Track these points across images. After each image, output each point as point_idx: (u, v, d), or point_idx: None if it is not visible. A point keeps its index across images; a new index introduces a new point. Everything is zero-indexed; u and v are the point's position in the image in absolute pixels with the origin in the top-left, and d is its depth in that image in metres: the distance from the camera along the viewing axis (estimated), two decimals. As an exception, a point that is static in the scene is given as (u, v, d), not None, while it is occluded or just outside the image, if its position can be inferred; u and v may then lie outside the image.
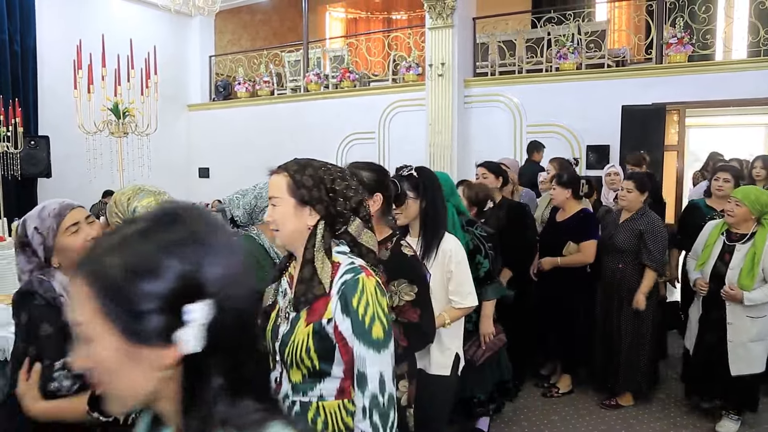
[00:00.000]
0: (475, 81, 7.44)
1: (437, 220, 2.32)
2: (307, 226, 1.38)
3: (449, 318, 2.34)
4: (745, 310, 3.19)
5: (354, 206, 1.40)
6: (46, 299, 1.51)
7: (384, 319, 1.30)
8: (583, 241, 3.71)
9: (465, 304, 2.36)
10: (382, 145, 8.09)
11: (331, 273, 1.34)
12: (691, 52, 6.36)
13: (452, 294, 2.35)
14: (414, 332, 1.84)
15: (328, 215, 1.38)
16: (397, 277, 1.84)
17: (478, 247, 2.82)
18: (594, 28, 7.09)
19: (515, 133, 7.16)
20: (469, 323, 2.85)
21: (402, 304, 1.83)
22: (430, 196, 2.30)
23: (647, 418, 3.61)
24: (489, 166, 3.83)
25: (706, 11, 6.56)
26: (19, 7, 7.47)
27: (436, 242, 2.30)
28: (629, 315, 3.61)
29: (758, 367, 3.24)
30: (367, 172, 1.89)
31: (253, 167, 6.40)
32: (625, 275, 3.62)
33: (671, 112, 6.49)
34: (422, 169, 2.31)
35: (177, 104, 9.61)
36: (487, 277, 2.85)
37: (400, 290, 1.84)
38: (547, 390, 3.98)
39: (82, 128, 4.10)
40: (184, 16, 9.30)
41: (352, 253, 1.40)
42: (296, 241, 1.40)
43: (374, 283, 1.32)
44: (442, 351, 2.35)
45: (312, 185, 1.37)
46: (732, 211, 3.24)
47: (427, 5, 7.16)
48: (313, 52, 9.01)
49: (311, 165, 1.42)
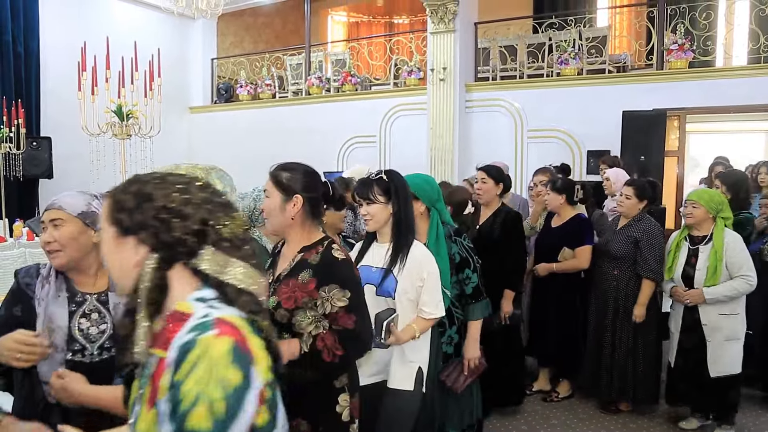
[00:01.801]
0: (476, 85, 7.46)
1: (409, 226, 2.22)
2: (133, 264, 0.98)
3: (419, 329, 2.19)
4: (716, 307, 3.21)
5: (195, 229, 0.97)
6: (18, 283, 1.60)
7: (218, 404, 0.81)
8: (579, 247, 3.71)
9: (436, 314, 2.23)
10: (383, 148, 8.11)
11: (163, 331, 0.95)
12: (691, 59, 6.39)
13: (424, 304, 2.21)
14: (350, 339, 1.74)
15: (160, 246, 0.97)
16: (328, 282, 1.74)
17: (466, 260, 2.57)
18: (595, 34, 7.12)
19: (516, 138, 7.18)
20: (449, 346, 2.57)
21: (335, 311, 1.73)
22: (401, 201, 2.19)
23: (647, 424, 3.61)
24: (489, 170, 3.58)
25: (707, 18, 6.59)
26: (23, 9, 7.50)
27: (406, 249, 2.19)
28: (624, 323, 3.57)
29: (736, 367, 3.24)
30: (286, 173, 1.81)
31: (254, 170, 6.43)
32: (621, 282, 3.60)
33: (672, 117, 6.51)
34: (392, 173, 2.22)
35: (179, 106, 9.64)
36: (476, 294, 2.59)
37: (332, 296, 1.74)
38: (547, 395, 3.98)
39: (86, 130, 4.12)
40: (187, 19, 9.34)
41: (218, 300, 0.96)
42: (127, 283, 1.00)
43: (227, 348, 0.85)
44: (403, 363, 2.21)
45: (134, 206, 0.98)
46: (691, 213, 3.31)
47: (429, 10, 7.19)
48: (315, 56, 9.04)
49: (141, 179, 1.02)
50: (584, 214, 3.93)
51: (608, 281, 3.64)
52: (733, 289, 3.19)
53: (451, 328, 2.56)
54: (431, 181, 2.59)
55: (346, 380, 1.83)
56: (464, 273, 2.55)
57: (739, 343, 3.26)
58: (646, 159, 6.13)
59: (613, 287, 3.61)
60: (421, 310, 2.21)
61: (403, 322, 2.14)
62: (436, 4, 7.08)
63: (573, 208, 3.82)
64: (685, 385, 3.39)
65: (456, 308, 2.57)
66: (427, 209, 2.53)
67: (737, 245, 3.23)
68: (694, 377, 3.32)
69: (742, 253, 3.23)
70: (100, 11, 8.49)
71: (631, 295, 3.55)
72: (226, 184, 1.22)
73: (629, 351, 3.57)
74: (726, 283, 3.20)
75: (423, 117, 7.50)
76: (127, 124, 4.15)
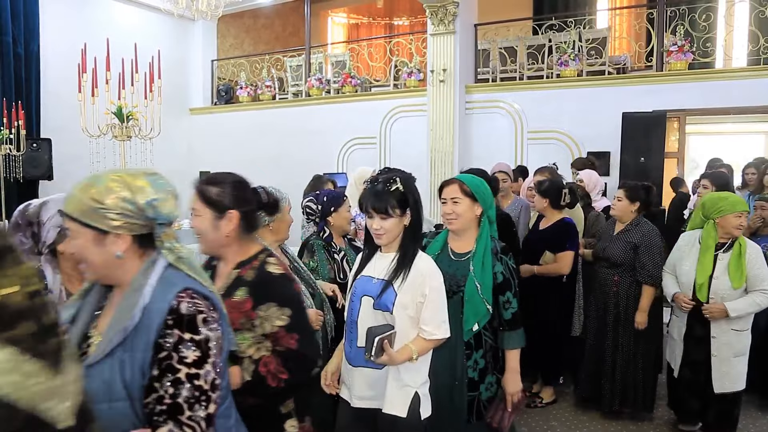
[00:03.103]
0: (476, 87, 7.46)
1: (419, 236, 2.04)
2: None
3: (417, 351, 1.93)
4: (730, 323, 3.06)
5: None
6: None
7: None
8: (560, 252, 3.65)
9: (437, 335, 1.97)
10: (383, 150, 8.11)
11: None
12: (691, 60, 6.40)
13: (425, 323, 1.96)
14: (294, 360, 1.60)
15: None
16: (265, 300, 1.60)
17: (508, 282, 2.27)
18: (595, 36, 7.12)
19: (516, 139, 7.19)
20: (474, 371, 2.25)
21: (275, 331, 1.59)
22: (415, 211, 1.98)
23: (646, 426, 3.60)
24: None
25: (707, 19, 6.60)
26: (24, 11, 7.51)
27: (409, 261, 1.97)
28: (626, 330, 3.49)
29: (740, 384, 3.12)
30: (215, 187, 1.65)
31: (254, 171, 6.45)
32: (621, 288, 3.52)
33: (671, 119, 6.52)
34: (404, 179, 1.97)
35: (179, 108, 9.64)
36: (514, 321, 2.29)
37: (270, 315, 1.60)
38: (531, 400, 3.90)
39: (86, 131, 4.12)
40: (187, 21, 9.35)
41: None
42: None
43: None
44: (399, 387, 1.95)
45: None
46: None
47: (429, 11, 7.20)
48: (315, 57, 9.05)
49: None
50: (570, 218, 3.81)
51: (608, 287, 3.56)
52: (756, 305, 3.03)
53: (478, 352, 2.27)
54: (484, 186, 2.33)
55: (292, 405, 1.72)
56: (505, 296, 2.28)
57: (746, 359, 3.14)
58: (646, 160, 6.14)
59: (613, 293, 3.54)
60: (421, 329, 1.97)
61: (402, 341, 1.93)
62: (436, 5, 7.08)
63: (559, 212, 3.74)
64: (688, 396, 3.30)
65: (485, 331, 2.28)
66: (479, 215, 2.29)
67: (759, 258, 3.08)
68: (697, 389, 3.21)
69: (764, 268, 3.07)
70: (100, 13, 8.49)
71: (632, 301, 3.48)
72: (160, 191, 1.14)
73: (630, 358, 3.50)
74: (747, 299, 3.03)
75: (423, 118, 7.50)
76: (127, 126, 4.15)
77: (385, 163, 7.88)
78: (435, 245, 2.36)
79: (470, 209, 2.24)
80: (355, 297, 2.04)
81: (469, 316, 2.21)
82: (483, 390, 2.27)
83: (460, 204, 2.24)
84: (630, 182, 3.78)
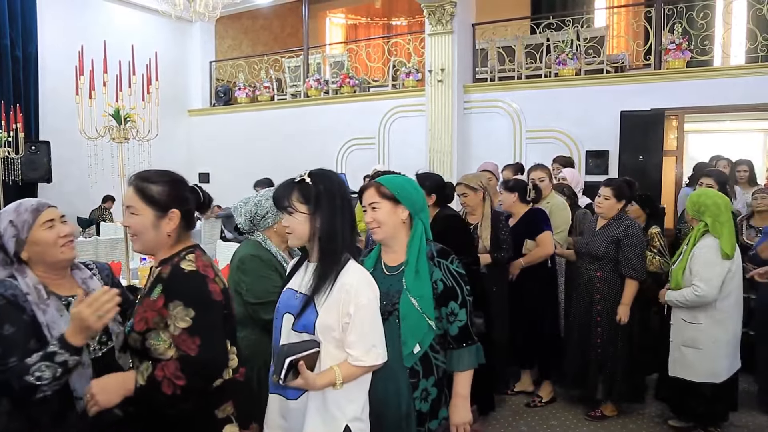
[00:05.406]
0: (474, 87, 7.47)
1: (335, 243, 1.70)
2: None
3: (342, 375, 1.64)
4: (680, 311, 3.22)
5: None
6: (6, 298, 1.55)
7: None
8: (538, 235, 3.74)
9: (366, 362, 1.68)
10: (381, 150, 8.12)
11: None
12: (689, 58, 6.40)
13: (350, 347, 1.66)
14: (192, 366, 1.48)
15: None
16: (173, 298, 1.51)
17: (452, 290, 1.89)
18: (593, 34, 7.13)
19: (515, 138, 7.19)
20: (424, 402, 1.86)
21: (177, 333, 1.49)
22: (325, 211, 1.69)
23: (646, 424, 3.60)
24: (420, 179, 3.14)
25: (705, 18, 6.60)
26: (21, 13, 7.51)
27: (331, 273, 1.68)
28: (607, 324, 3.50)
29: (693, 375, 3.16)
30: (155, 185, 1.59)
31: (253, 172, 6.49)
32: (604, 283, 3.53)
33: (670, 117, 6.51)
34: (320, 175, 1.73)
35: (177, 109, 9.65)
36: (463, 336, 1.89)
37: (175, 315, 1.49)
38: (531, 400, 3.91)
39: (84, 133, 4.11)
40: (185, 22, 9.35)
41: None
42: None
43: None
44: (324, 420, 1.65)
45: None
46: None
47: (427, 11, 7.20)
48: (314, 58, 9.05)
49: None
50: (539, 207, 3.94)
51: (591, 282, 3.58)
52: (683, 298, 3.15)
53: (428, 379, 1.86)
54: (415, 185, 2.03)
55: (231, 409, 1.62)
56: (448, 307, 1.88)
57: (700, 354, 3.13)
58: (645, 159, 6.14)
59: (596, 288, 3.56)
60: (348, 353, 1.67)
61: (325, 364, 1.66)
62: (434, 5, 7.08)
63: (526, 206, 3.86)
64: (669, 387, 3.37)
65: (435, 353, 1.89)
66: (409, 217, 1.93)
67: (704, 255, 3.11)
68: (675, 380, 3.28)
69: (706, 266, 3.09)
70: (97, 15, 8.50)
71: (614, 296, 3.50)
72: None
73: (614, 352, 3.51)
74: (681, 291, 3.17)
75: (421, 118, 7.50)
76: (125, 128, 4.14)
77: (384, 163, 7.87)
78: (368, 261, 1.98)
79: (393, 213, 1.89)
80: (278, 314, 1.77)
81: (407, 337, 1.83)
82: (436, 426, 1.89)
83: (379, 209, 1.89)
84: (613, 179, 3.81)
